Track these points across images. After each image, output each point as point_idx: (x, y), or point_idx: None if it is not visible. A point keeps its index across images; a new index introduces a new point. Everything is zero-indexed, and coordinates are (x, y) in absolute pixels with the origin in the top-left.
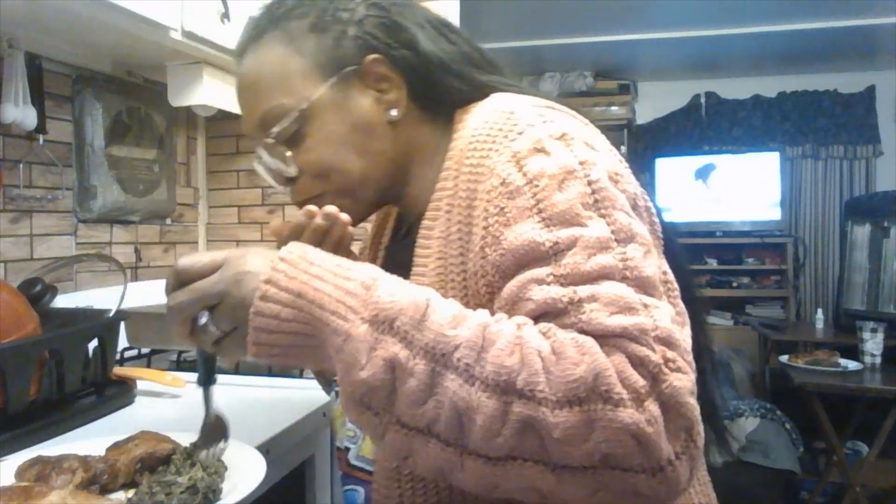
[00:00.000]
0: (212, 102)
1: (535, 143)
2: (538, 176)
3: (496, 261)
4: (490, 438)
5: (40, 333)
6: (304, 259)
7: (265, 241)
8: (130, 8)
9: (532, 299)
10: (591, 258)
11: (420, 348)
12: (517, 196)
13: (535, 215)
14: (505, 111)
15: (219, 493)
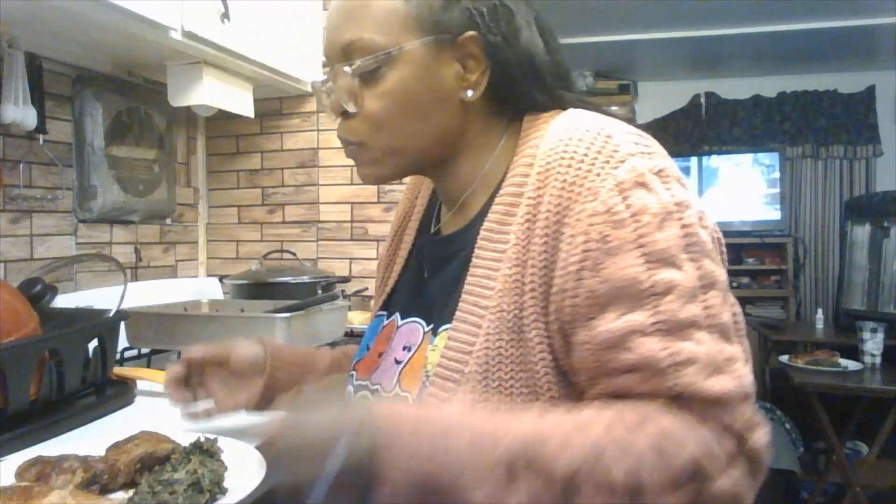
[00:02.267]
0: (212, 102)
1: (638, 177)
2: (641, 211)
3: (593, 286)
4: None
5: (40, 333)
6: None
7: (265, 241)
8: (130, 8)
9: (633, 351)
10: (684, 306)
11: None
12: (620, 227)
13: (636, 250)
14: (601, 133)
15: (223, 483)
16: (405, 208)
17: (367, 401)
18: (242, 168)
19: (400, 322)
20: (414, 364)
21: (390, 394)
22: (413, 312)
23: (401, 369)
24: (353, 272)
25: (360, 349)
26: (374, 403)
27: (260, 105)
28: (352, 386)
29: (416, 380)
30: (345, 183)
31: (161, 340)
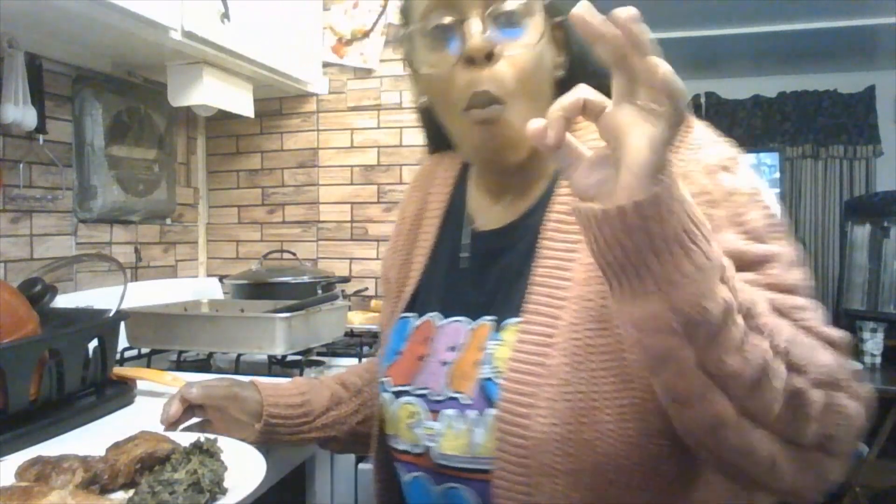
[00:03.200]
0: (212, 102)
1: (720, 161)
2: (732, 192)
3: None
4: (771, 404)
5: (40, 333)
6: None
7: (265, 240)
8: (130, 8)
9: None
10: (788, 271)
11: (740, 303)
12: (717, 206)
13: (735, 227)
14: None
15: (223, 483)
16: (416, 207)
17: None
18: (242, 168)
19: (440, 322)
20: (463, 364)
21: (441, 397)
22: (454, 311)
23: (449, 370)
24: (353, 272)
25: (388, 354)
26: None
27: (260, 105)
28: (387, 393)
29: (468, 379)
30: (345, 183)
31: (161, 340)
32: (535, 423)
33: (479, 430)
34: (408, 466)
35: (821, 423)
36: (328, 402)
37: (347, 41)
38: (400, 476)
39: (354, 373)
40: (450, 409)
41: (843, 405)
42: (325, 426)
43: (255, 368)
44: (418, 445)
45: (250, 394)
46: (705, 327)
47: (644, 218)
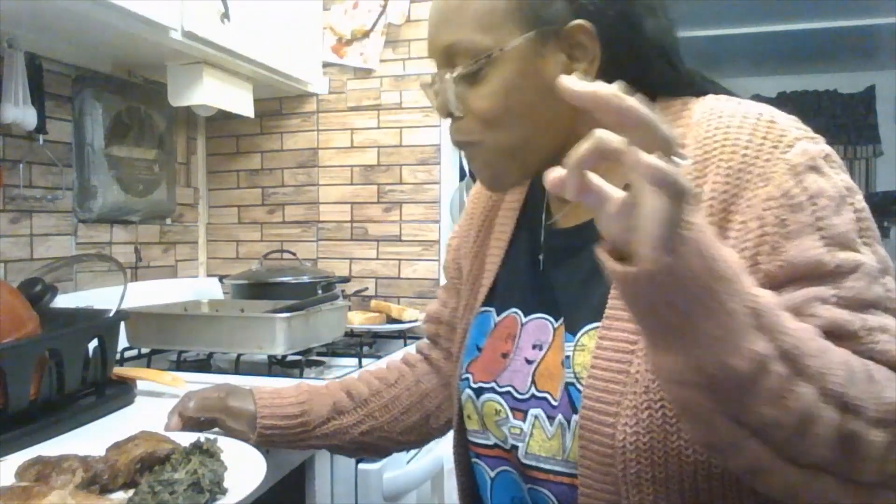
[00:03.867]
0: (212, 102)
1: (810, 161)
2: (817, 194)
3: (771, 271)
4: (818, 449)
5: (40, 333)
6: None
7: (265, 240)
8: (130, 8)
9: (818, 315)
10: (870, 286)
11: (781, 351)
12: (798, 211)
13: (815, 233)
14: (762, 118)
15: (223, 483)
16: (492, 197)
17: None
18: (242, 168)
19: (524, 319)
20: (549, 363)
21: (526, 396)
22: (538, 308)
23: (534, 369)
24: (353, 272)
25: (469, 350)
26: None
27: (260, 105)
28: (470, 389)
29: (554, 380)
30: (345, 183)
31: (161, 340)
32: (619, 432)
33: (568, 434)
34: (495, 462)
35: (884, 464)
36: (329, 412)
37: (347, 41)
38: (481, 472)
39: (364, 380)
40: (536, 408)
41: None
42: (324, 436)
43: (255, 368)
44: (506, 442)
45: (245, 405)
46: (731, 383)
47: (659, 285)
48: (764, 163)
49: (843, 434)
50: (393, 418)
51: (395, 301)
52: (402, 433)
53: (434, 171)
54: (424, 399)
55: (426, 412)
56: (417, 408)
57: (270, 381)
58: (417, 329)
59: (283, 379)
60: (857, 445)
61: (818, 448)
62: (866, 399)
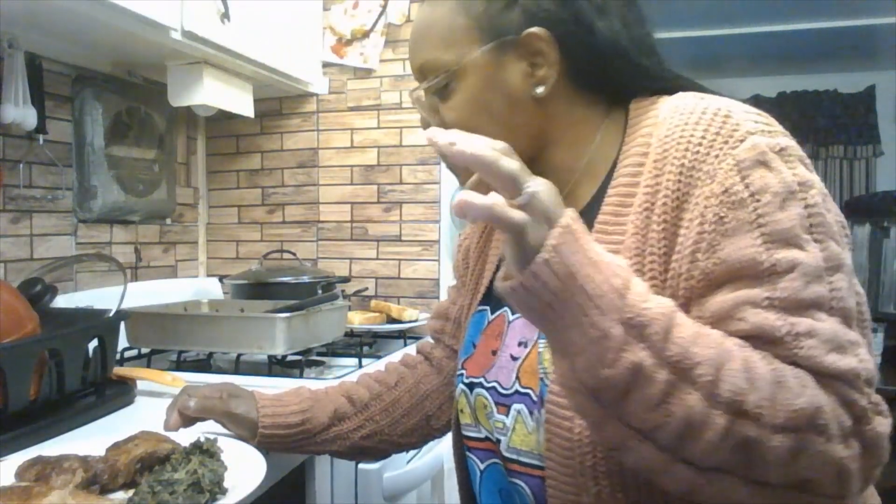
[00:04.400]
0: (212, 102)
1: (759, 155)
2: (761, 190)
3: (708, 268)
4: (710, 452)
5: (40, 333)
6: (583, 235)
7: (265, 240)
8: (130, 8)
9: (746, 320)
10: (807, 286)
11: (665, 360)
12: (739, 208)
13: (755, 230)
14: (718, 113)
15: (223, 483)
16: None
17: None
18: (242, 168)
19: (511, 317)
20: (532, 361)
21: (509, 391)
22: None
23: (518, 365)
24: (353, 272)
25: (466, 347)
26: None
27: (260, 105)
28: (463, 384)
29: (535, 376)
30: (345, 183)
31: (161, 340)
32: (576, 426)
33: (541, 428)
34: (484, 454)
35: (788, 469)
36: (330, 418)
37: (347, 41)
38: (472, 465)
39: (364, 384)
40: (519, 403)
41: (822, 450)
42: (325, 441)
43: (255, 368)
44: (493, 435)
45: (247, 412)
46: (609, 391)
47: (519, 298)
48: (713, 160)
49: (739, 439)
50: (394, 421)
51: (395, 301)
52: (402, 435)
53: (434, 171)
54: (425, 401)
55: (427, 414)
56: (418, 410)
57: (270, 381)
58: (417, 329)
59: (283, 379)
60: (756, 450)
61: (713, 452)
62: (768, 405)
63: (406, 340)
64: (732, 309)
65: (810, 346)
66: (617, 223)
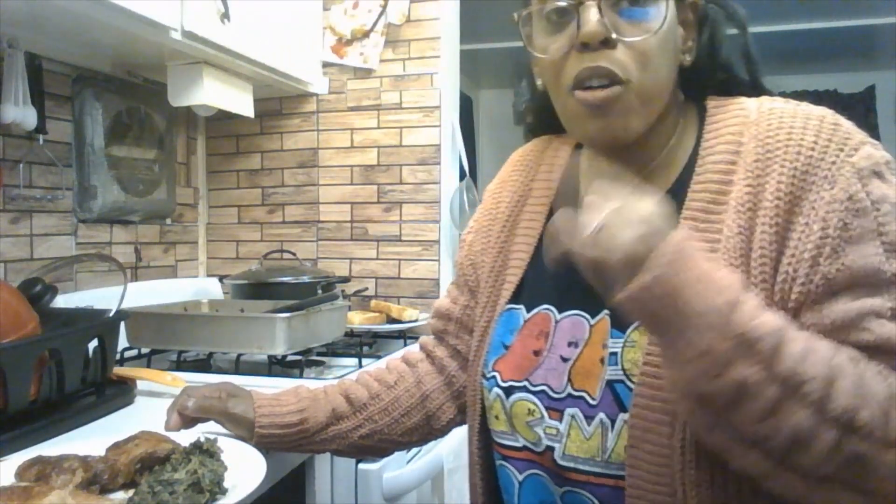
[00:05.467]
0: (212, 102)
1: (874, 166)
2: (881, 200)
3: (830, 274)
4: (819, 465)
5: (40, 333)
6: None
7: (265, 240)
8: (130, 8)
9: (871, 331)
10: None
11: (775, 376)
12: (863, 216)
13: (877, 238)
14: (825, 121)
15: (222, 483)
16: (517, 191)
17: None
18: (242, 168)
19: (559, 316)
20: (586, 361)
21: (562, 395)
22: (572, 305)
23: (570, 367)
24: (353, 272)
25: (495, 347)
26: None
27: (260, 105)
28: (499, 388)
29: (592, 378)
30: (345, 183)
31: (161, 340)
32: (678, 431)
33: (611, 434)
34: (523, 464)
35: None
36: (328, 418)
37: (347, 41)
38: (507, 475)
39: (363, 383)
40: (573, 408)
41: None
42: (323, 441)
43: (255, 368)
44: (540, 444)
45: (244, 412)
46: (717, 402)
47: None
48: (829, 165)
49: (849, 454)
50: (393, 421)
51: (395, 301)
52: (402, 435)
53: (434, 171)
54: (425, 400)
55: (427, 413)
56: (418, 409)
57: (270, 381)
58: (417, 329)
59: (283, 379)
60: (869, 464)
61: (822, 464)
62: (880, 422)
63: (406, 340)
64: (857, 318)
65: None
66: (709, 220)
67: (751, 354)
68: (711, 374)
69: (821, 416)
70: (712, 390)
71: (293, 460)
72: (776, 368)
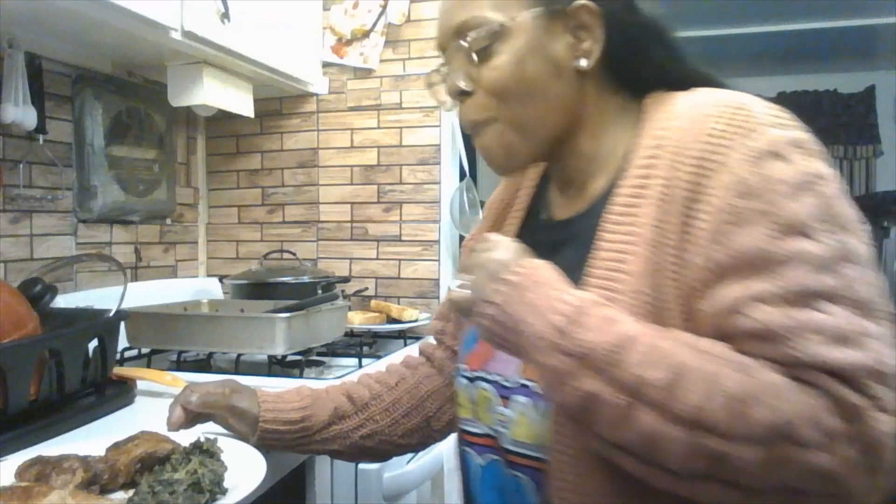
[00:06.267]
0: (212, 102)
1: (771, 146)
2: (774, 180)
3: (719, 259)
4: (682, 464)
5: (40, 333)
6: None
7: (265, 240)
8: (130, 8)
9: (751, 317)
10: (815, 276)
11: (617, 385)
12: (751, 198)
13: (766, 220)
14: (735, 106)
15: (223, 483)
16: (506, 197)
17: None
18: (242, 168)
19: None
20: None
21: (513, 384)
22: None
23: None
24: (353, 272)
25: (468, 342)
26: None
27: (260, 105)
28: (464, 378)
29: None
30: (345, 183)
31: (161, 340)
32: None
33: (547, 420)
34: (483, 450)
35: (769, 476)
36: (330, 416)
37: (347, 41)
38: (471, 460)
39: (364, 384)
40: (521, 395)
41: (799, 460)
42: (325, 440)
43: (255, 368)
44: (495, 430)
45: (248, 406)
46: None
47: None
48: (726, 150)
49: (706, 451)
50: (393, 421)
51: (395, 301)
52: (402, 436)
53: (434, 171)
54: (425, 402)
55: (427, 415)
56: (418, 411)
57: (270, 382)
58: (417, 329)
59: (283, 379)
60: (727, 461)
61: (685, 462)
62: (725, 419)
63: (406, 340)
64: (738, 304)
65: (813, 341)
66: (630, 214)
67: (589, 368)
68: (557, 388)
69: (667, 417)
70: (562, 403)
71: (293, 460)
72: (617, 378)
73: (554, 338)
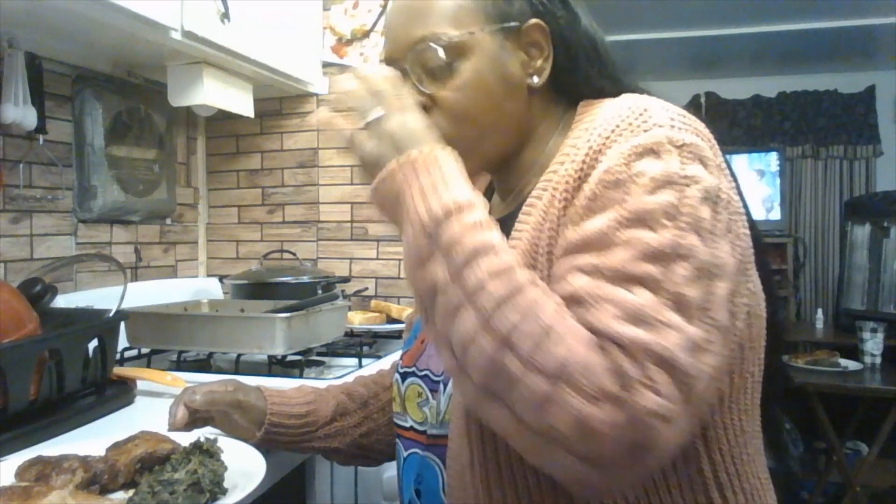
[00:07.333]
0: (212, 102)
1: (653, 144)
2: (639, 175)
3: (570, 238)
4: (481, 373)
5: (40, 333)
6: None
7: (265, 240)
8: (130, 8)
9: (569, 282)
10: (639, 263)
11: (460, 281)
12: (613, 188)
13: (618, 209)
14: (639, 109)
15: (222, 483)
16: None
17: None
18: (242, 168)
19: None
20: None
21: (441, 377)
22: None
23: None
24: (353, 272)
25: (408, 341)
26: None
27: (260, 105)
28: (397, 374)
29: None
30: (345, 183)
31: (161, 340)
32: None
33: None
34: (408, 443)
35: (538, 412)
36: (332, 412)
37: (347, 41)
38: (400, 452)
39: (362, 383)
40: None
41: (567, 400)
42: (327, 436)
43: (255, 368)
44: (425, 423)
45: (254, 401)
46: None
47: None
48: (614, 145)
49: (501, 367)
50: (390, 420)
51: (395, 301)
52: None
53: None
54: None
55: None
56: None
57: (270, 382)
58: None
59: (284, 379)
60: (515, 383)
61: (483, 373)
62: (530, 344)
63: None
64: (565, 271)
65: (607, 311)
66: (533, 206)
67: (445, 257)
68: (416, 269)
69: (484, 325)
70: (417, 285)
71: (293, 460)
72: (463, 275)
73: (431, 222)
